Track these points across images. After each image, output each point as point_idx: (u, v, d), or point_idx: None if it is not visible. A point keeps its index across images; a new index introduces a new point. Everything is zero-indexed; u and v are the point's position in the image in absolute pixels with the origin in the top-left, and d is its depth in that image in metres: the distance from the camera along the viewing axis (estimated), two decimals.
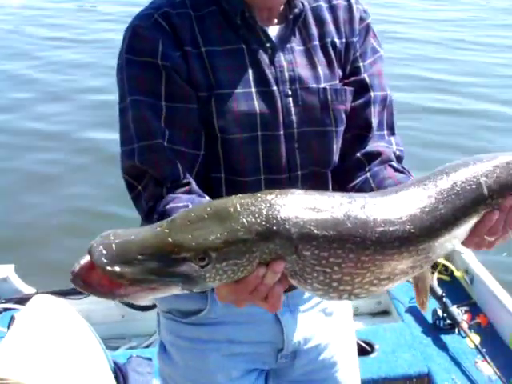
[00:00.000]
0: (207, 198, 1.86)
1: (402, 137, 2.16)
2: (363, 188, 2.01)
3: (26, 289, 4.41)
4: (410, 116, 9.17)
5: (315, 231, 1.48)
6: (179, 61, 1.90)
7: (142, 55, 1.91)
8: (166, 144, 1.88)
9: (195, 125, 1.93)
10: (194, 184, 1.88)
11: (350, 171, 2.07)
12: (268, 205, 1.48)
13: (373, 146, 2.07)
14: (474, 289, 4.37)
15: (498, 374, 3.64)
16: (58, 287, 4.25)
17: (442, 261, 4.54)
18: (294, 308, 2.17)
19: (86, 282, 1.43)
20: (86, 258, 1.42)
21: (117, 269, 1.39)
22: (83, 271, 1.42)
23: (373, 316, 4.67)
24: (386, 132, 2.12)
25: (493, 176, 1.69)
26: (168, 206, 1.79)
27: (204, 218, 1.46)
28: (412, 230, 1.57)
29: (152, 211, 1.85)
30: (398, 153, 2.09)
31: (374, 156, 2.05)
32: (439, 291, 4.20)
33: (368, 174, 2.03)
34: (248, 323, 2.13)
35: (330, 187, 2.10)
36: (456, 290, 4.43)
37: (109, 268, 1.39)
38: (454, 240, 1.68)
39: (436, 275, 4.48)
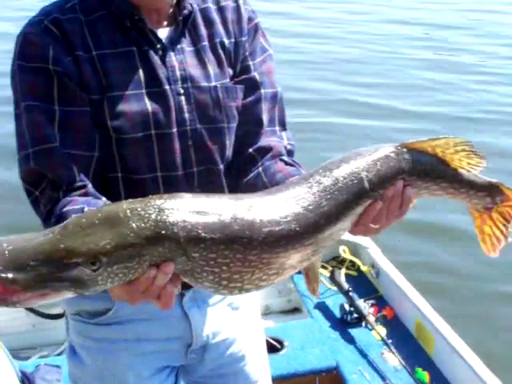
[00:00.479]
0: (104, 199, 1.88)
1: None
2: (256, 182, 2.07)
3: None
4: None
5: (203, 234, 1.54)
6: (70, 65, 1.92)
7: (34, 61, 1.92)
8: (60, 148, 1.90)
9: (89, 127, 1.95)
10: (90, 186, 1.91)
11: (243, 166, 2.13)
12: (157, 209, 1.52)
13: (264, 141, 2.14)
14: (380, 282, 4.48)
15: (403, 363, 3.75)
16: None
17: (348, 257, 4.64)
18: (201, 303, 2.21)
19: None
20: None
21: (10, 275, 1.41)
22: None
23: (284, 314, 4.73)
24: (277, 128, 2.19)
25: (373, 170, 1.77)
26: (64, 209, 1.81)
27: (95, 223, 1.50)
28: (297, 229, 1.63)
29: (50, 215, 1.87)
30: (288, 147, 2.17)
31: (266, 151, 2.12)
32: (346, 286, 4.29)
33: (260, 169, 2.09)
34: (156, 320, 2.16)
35: (225, 183, 2.14)
36: (363, 284, 4.53)
37: (1, 275, 1.41)
38: (339, 232, 1.76)
39: (343, 271, 4.57)
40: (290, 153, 2.16)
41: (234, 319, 2.32)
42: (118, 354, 2.17)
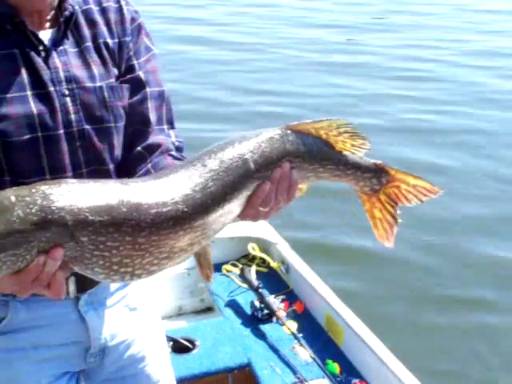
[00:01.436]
0: None
1: None
2: None
3: None
4: None
5: (90, 217, 1.54)
6: None
7: None
8: None
9: None
10: None
11: (132, 165, 2.13)
12: (42, 195, 1.51)
13: (153, 139, 2.14)
14: (290, 278, 4.51)
15: (314, 356, 3.80)
16: None
17: (258, 254, 4.66)
18: (98, 305, 2.19)
19: None
20: None
21: None
22: None
23: (197, 314, 4.72)
24: (165, 126, 2.19)
25: (258, 151, 1.80)
26: None
27: None
28: (185, 209, 1.65)
29: None
30: (177, 143, 2.18)
31: (154, 148, 2.12)
32: (256, 283, 4.32)
33: (149, 165, 2.09)
34: (52, 325, 2.12)
35: None
36: (274, 280, 4.56)
37: None
38: (229, 215, 1.78)
39: (254, 268, 4.59)
40: (178, 149, 2.17)
41: (132, 320, 2.30)
42: (16, 363, 2.11)
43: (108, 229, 1.56)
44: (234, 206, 1.78)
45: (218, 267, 4.56)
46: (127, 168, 2.13)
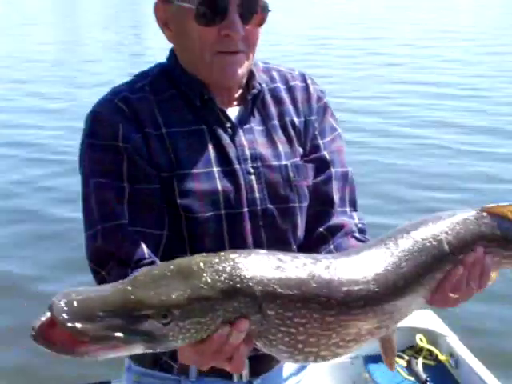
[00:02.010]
0: None
1: None
2: None
3: None
4: None
5: (279, 290, 1.48)
6: (140, 142, 1.92)
7: (103, 138, 1.93)
8: (129, 225, 1.88)
9: (158, 205, 1.93)
10: (158, 262, 1.86)
11: (313, 246, 2.08)
12: (231, 263, 1.48)
13: (335, 220, 2.09)
14: (459, 373, 4.28)
15: None
16: None
17: (426, 345, 4.46)
18: None
19: (47, 338, 1.40)
20: (47, 315, 1.40)
21: (78, 325, 1.37)
22: (44, 327, 1.40)
23: None
24: (348, 208, 2.14)
25: (452, 232, 1.72)
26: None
27: (167, 275, 1.46)
28: (376, 289, 1.58)
29: None
30: (360, 225, 2.12)
31: (337, 229, 2.07)
32: (423, 376, 4.12)
33: (331, 246, 2.04)
34: None
35: None
36: (441, 374, 4.33)
37: (69, 324, 1.37)
38: (418, 298, 1.70)
39: (421, 360, 4.39)
40: (361, 231, 2.11)
41: None
42: None
43: (296, 304, 1.51)
44: (425, 289, 1.70)
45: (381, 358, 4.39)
46: (308, 249, 2.07)
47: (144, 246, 1.87)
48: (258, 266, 1.50)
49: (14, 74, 18.05)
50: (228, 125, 2.01)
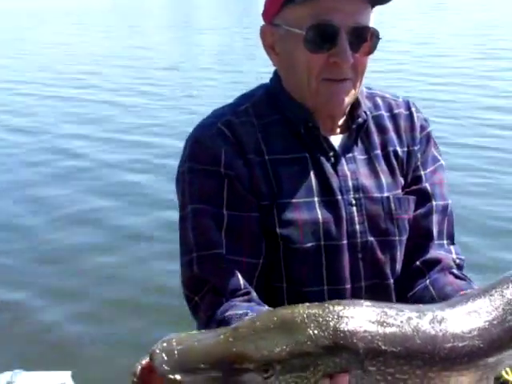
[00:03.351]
0: (267, 307, 1.81)
1: None
2: (423, 296, 1.97)
3: None
4: None
5: (383, 347, 1.43)
6: (242, 169, 1.89)
7: (205, 163, 1.90)
8: (225, 254, 1.85)
9: (256, 233, 1.90)
10: (253, 293, 1.85)
11: (409, 280, 2.03)
12: (336, 317, 1.43)
13: (432, 253, 2.03)
14: None
15: None
16: None
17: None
18: None
19: None
20: (147, 359, 1.39)
21: (178, 377, 1.35)
22: (144, 372, 1.39)
23: None
24: (445, 241, 2.08)
25: None
26: (227, 314, 1.76)
27: (269, 327, 1.42)
28: (481, 345, 1.50)
29: (210, 320, 1.81)
30: (457, 261, 2.05)
31: (434, 263, 2.01)
32: None
33: (428, 282, 1.98)
34: None
35: (394, 298, 2.04)
36: None
37: (170, 376, 1.34)
38: None
39: None
40: (459, 267, 2.04)
41: None
42: None
43: (399, 360, 1.44)
44: None
45: None
46: (403, 282, 2.03)
47: (240, 277, 1.84)
48: (363, 320, 1.44)
49: None
50: (331, 153, 1.97)
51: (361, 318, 1.44)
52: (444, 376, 1.48)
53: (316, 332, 1.40)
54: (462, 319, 1.52)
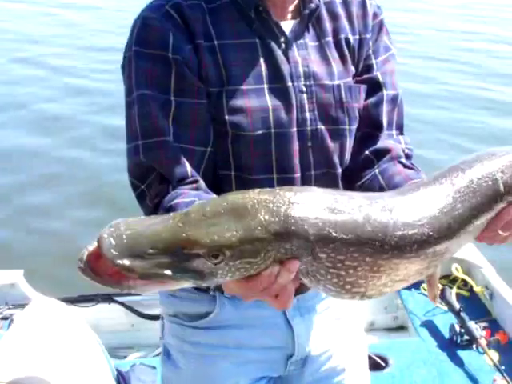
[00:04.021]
0: (214, 195, 1.77)
1: None
2: (372, 185, 1.96)
3: (35, 295, 4.31)
4: None
5: (333, 234, 1.41)
6: (190, 54, 1.83)
7: (152, 47, 1.83)
8: (172, 141, 1.81)
9: (204, 121, 1.85)
10: (201, 181, 1.82)
11: (358, 169, 2.01)
12: (287, 203, 1.41)
13: (382, 143, 2.01)
14: (493, 305, 4.25)
15: None
16: (68, 294, 4.18)
17: (461, 275, 4.42)
18: (305, 311, 2.09)
19: (94, 270, 1.36)
20: (94, 245, 1.35)
21: (126, 262, 1.33)
22: (91, 258, 1.35)
23: (389, 331, 4.56)
24: (394, 132, 2.06)
25: (509, 171, 1.62)
26: (174, 201, 1.72)
27: (220, 213, 1.39)
28: (431, 233, 1.50)
29: (157, 208, 1.78)
30: (406, 151, 2.04)
31: (383, 153, 1.99)
32: (457, 306, 4.08)
33: (377, 171, 1.97)
34: (258, 327, 2.05)
35: (341, 187, 2.02)
36: (475, 305, 4.31)
37: (118, 261, 1.32)
38: (469, 238, 1.63)
39: (455, 290, 4.36)
40: (408, 156, 2.03)
41: (337, 330, 2.19)
42: (217, 361, 2.06)
43: (349, 248, 1.43)
44: (476, 229, 1.62)
45: (416, 285, 4.36)
46: (352, 172, 2.02)
47: (187, 164, 1.80)
48: (313, 206, 1.42)
49: None
50: (282, 39, 1.91)
51: (312, 204, 1.42)
52: (393, 263, 1.48)
53: (267, 217, 1.38)
54: (412, 207, 1.52)
